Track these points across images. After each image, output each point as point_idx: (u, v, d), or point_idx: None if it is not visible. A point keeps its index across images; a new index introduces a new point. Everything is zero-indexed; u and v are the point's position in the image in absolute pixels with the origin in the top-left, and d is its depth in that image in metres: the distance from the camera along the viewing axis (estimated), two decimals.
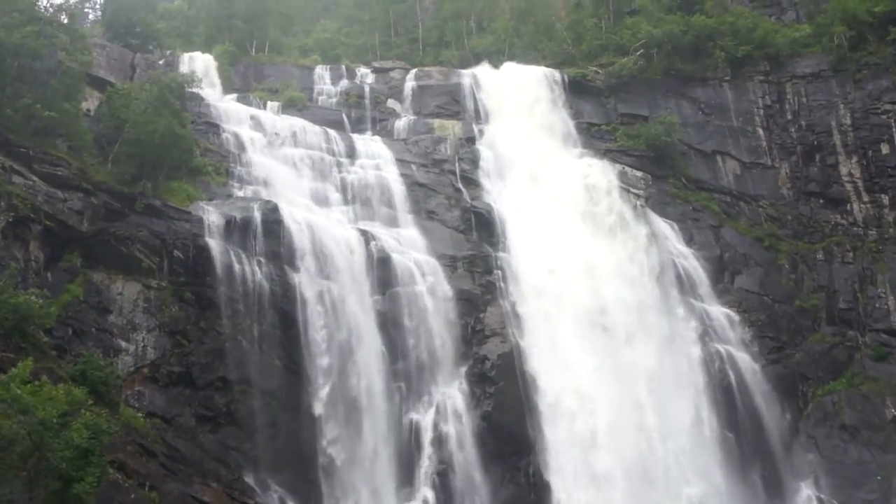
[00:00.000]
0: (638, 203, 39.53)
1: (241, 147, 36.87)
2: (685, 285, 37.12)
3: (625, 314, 35.38)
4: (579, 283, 35.78)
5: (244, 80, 45.50)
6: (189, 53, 45.77)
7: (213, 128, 37.70)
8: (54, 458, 20.73)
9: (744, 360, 35.72)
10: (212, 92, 42.08)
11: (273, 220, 32.17)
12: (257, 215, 32.05)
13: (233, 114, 39.10)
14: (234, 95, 42.70)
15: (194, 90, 38.47)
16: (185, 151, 33.74)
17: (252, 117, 39.10)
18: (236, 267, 30.77)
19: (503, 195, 39.01)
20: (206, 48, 48.32)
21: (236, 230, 31.69)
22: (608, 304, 35.43)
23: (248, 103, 41.27)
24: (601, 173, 40.23)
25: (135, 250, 30.18)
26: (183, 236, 30.87)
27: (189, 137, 34.19)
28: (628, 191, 39.94)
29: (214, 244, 30.92)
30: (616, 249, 37.65)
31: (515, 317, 34.19)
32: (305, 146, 38.28)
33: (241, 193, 34.65)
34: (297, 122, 39.47)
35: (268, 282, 30.98)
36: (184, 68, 42.57)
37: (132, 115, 32.46)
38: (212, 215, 31.76)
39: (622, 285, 36.22)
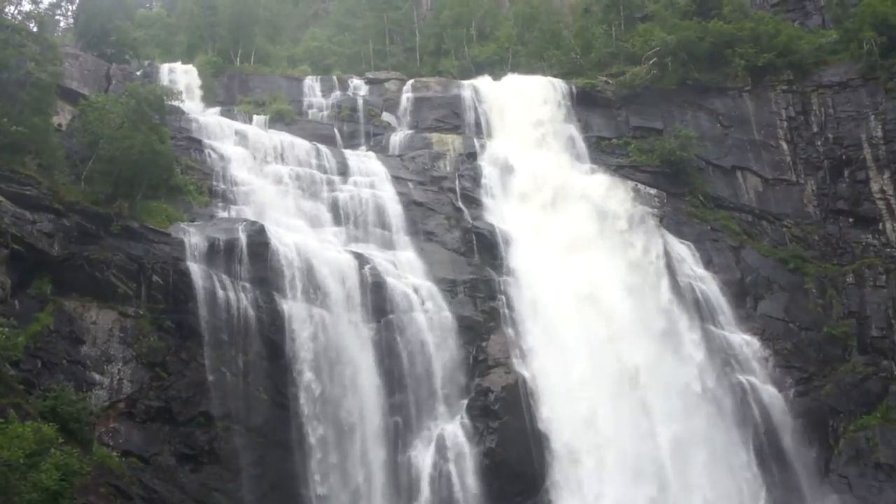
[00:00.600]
0: (652, 223, 39.57)
1: (225, 164, 36.92)
2: (703, 311, 37.08)
3: (638, 343, 35.26)
4: (589, 309, 35.71)
5: (228, 93, 45.73)
6: (169, 64, 46.02)
7: (195, 144, 37.80)
8: (21, 502, 20.60)
9: (768, 392, 35.60)
10: (193, 105, 42.26)
11: (259, 243, 32.18)
12: (242, 237, 32.06)
13: (216, 128, 39.23)
14: (218, 109, 42.84)
15: (174, 103, 38.49)
16: (165, 169, 33.73)
17: (237, 132, 39.22)
18: (220, 293, 30.74)
19: (507, 215, 39.09)
20: (187, 58, 48.60)
21: (220, 253, 31.68)
22: (620, 331, 35.33)
23: (233, 117, 41.42)
24: (612, 191, 40.30)
25: (110, 276, 30.11)
26: (162, 260, 30.88)
27: (169, 154, 34.19)
28: (642, 210, 39.97)
29: (196, 268, 30.92)
30: (628, 273, 37.65)
31: (521, 346, 34.17)
32: (294, 163, 38.36)
33: (224, 214, 34.68)
34: (286, 138, 39.59)
35: (254, 309, 30.95)
36: (163, 80, 42.74)
37: (107, 129, 32.37)
38: (193, 237, 31.78)
39: (635, 311, 36.18)
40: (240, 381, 30.06)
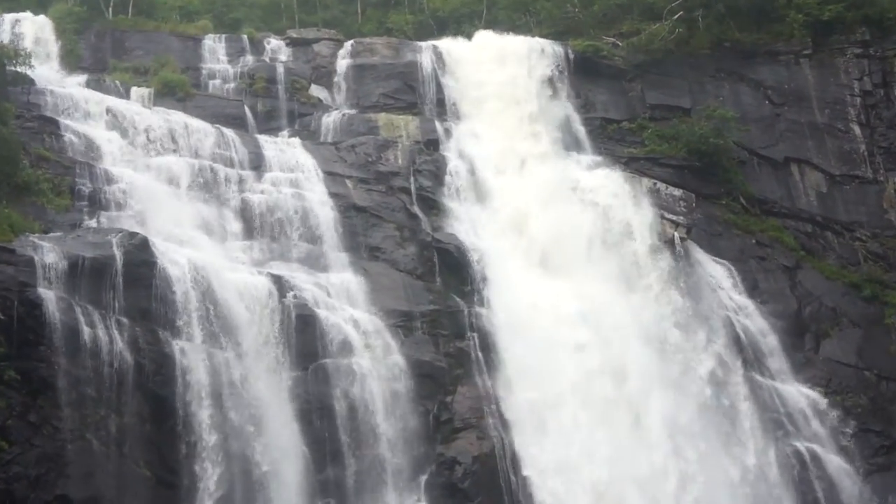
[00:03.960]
0: (677, 234, 40.22)
1: (94, 154, 36.95)
2: (747, 354, 37.80)
3: (657, 395, 35.91)
4: (591, 352, 36.32)
5: (97, 56, 45.83)
6: (13, 15, 45.88)
7: (51, 125, 37.69)
8: None
9: (836, 465, 36.15)
10: (48, 72, 42.21)
11: (141, 262, 32.07)
12: (118, 254, 31.88)
13: (80, 104, 39.17)
14: (83, 78, 42.93)
15: (20, 69, 38.55)
16: (6, 160, 33.70)
17: (109, 110, 39.21)
18: (85, 331, 30.55)
19: (479, 224, 39.69)
20: (39, 7, 48.39)
21: (85, 277, 31.48)
22: (634, 381, 35.95)
23: (104, 89, 41.49)
24: (622, 191, 40.97)
25: None
26: (4, 286, 30.79)
27: (13, 139, 34.14)
28: (662, 217, 40.59)
29: (51, 297, 30.66)
30: (644, 303, 38.35)
31: (498, 401, 34.52)
32: (190, 153, 38.52)
33: (93, 223, 34.62)
34: (178, 119, 39.72)
35: (132, 353, 30.75)
36: (4, 36, 42.70)
37: None
38: (48, 255, 31.57)
39: (653, 355, 36.85)
40: (112, 453, 29.71)
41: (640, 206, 40.57)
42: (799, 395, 37.55)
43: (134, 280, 31.79)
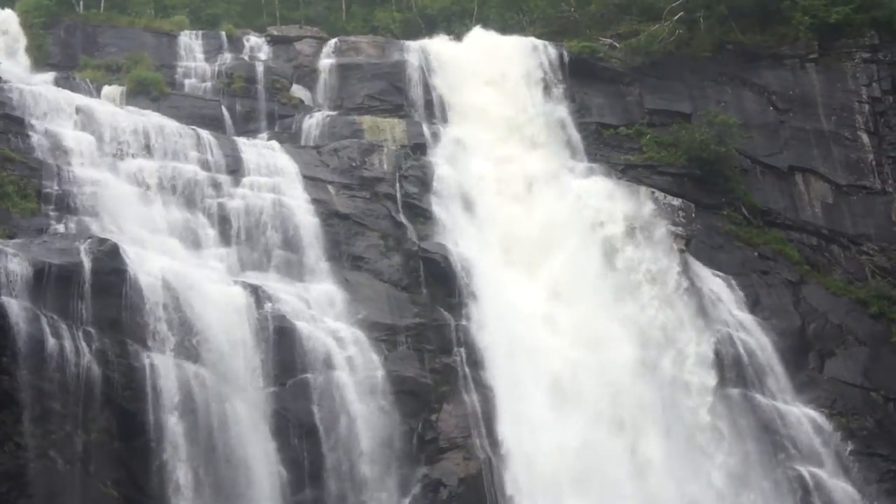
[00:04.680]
0: (675, 247, 40.33)
1: (62, 156, 36.74)
2: (747, 373, 37.81)
3: (653, 416, 36.06)
4: (585, 370, 36.40)
5: (67, 52, 45.80)
6: None
7: (16, 125, 37.50)
8: None
9: (840, 490, 36.16)
10: (14, 68, 42.09)
11: (111, 270, 31.94)
12: (86, 262, 31.78)
13: (48, 103, 38.89)
14: (52, 75, 42.71)
15: None
16: None
17: (79, 110, 38.99)
18: (50, 342, 30.41)
19: (469, 234, 39.71)
20: (5, 0, 48.44)
21: (51, 285, 31.31)
22: (630, 400, 36.09)
23: (74, 88, 41.33)
24: (618, 200, 41.03)
25: None
26: None
27: None
28: (661, 228, 40.77)
29: (15, 306, 30.47)
30: (641, 318, 38.39)
31: (486, 420, 34.53)
32: (164, 156, 38.29)
33: (60, 228, 34.48)
34: (152, 119, 39.52)
35: (101, 366, 30.59)
36: None
37: None
38: (12, 262, 31.40)
39: (649, 376, 36.94)
40: (77, 472, 29.48)
41: (635, 216, 40.64)
42: (802, 416, 37.53)
43: (103, 289, 31.58)
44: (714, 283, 40.09)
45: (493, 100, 44.31)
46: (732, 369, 37.74)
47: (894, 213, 43.35)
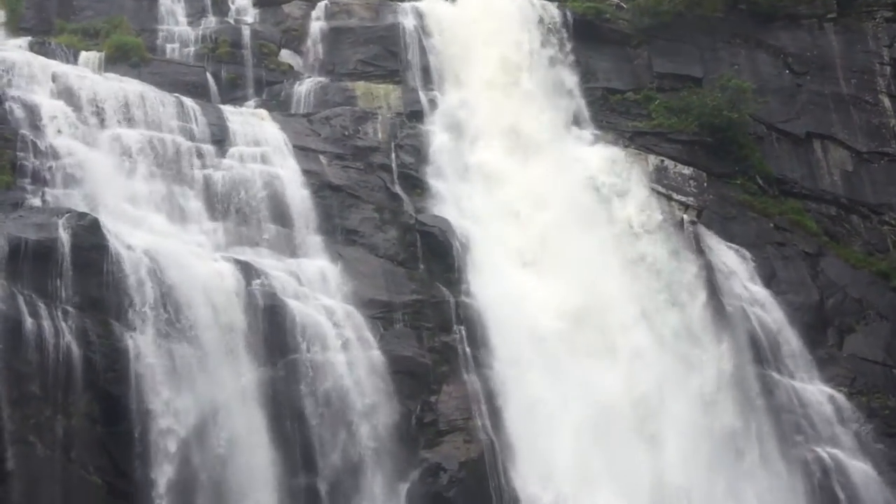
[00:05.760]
0: (686, 218, 40.38)
1: (38, 126, 36.66)
2: (762, 350, 37.86)
3: (662, 394, 36.19)
4: (589, 347, 36.59)
5: (41, 15, 45.41)
6: None
7: None
8: None
9: (861, 472, 36.27)
10: None
11: (91, 246, 31.92)
12: (65, 237, 31.76)
13: (23, 71, 38.88)
14: (26, 40, 42.51)
15: None
16: None
17: (55, 77, 38.77)
18: (28, 322, 30.41)
19: (467, 205, 39.80)
20: None
21: (28, 262, 31.28)
22: (637, 379, 36.19)
23: (50, 53, 41.09)
24: (625, 170, 41.23)
25: None
26: None
27: None
28: (669, 198, 40.90)
29: None
30: (650, 293, 38.54)
31: (489, 401, 34.59)
32: (146, 125, 38.13)
33: (37, 202, 34.36)
34: (132, 87, 39.28)
35: (82, 347, 30.58)
36: None
37: None
38: None
39: (658, 349, 37.08)
40: (58, 457, 29.50)
41: (644, 186, 40.81)
42: (820, 395, 37.62)
43: (83, 266, 31.59)
44: (727, 255, 40.11)
45: (492, 64, 44.19)
46: (746, 346, 37.77)
47: None
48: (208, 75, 43.13)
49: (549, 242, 38.93)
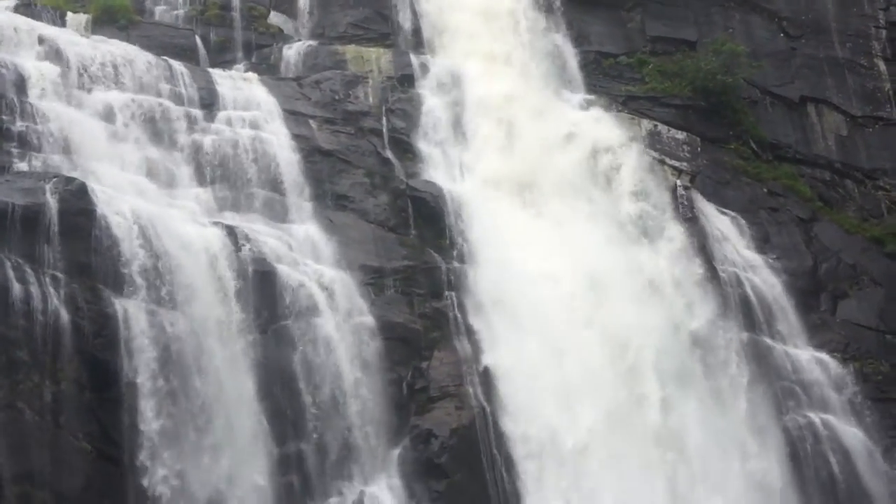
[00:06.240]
0: (679, 183, 40.38)
1: (23, 89, 36.44)
2: (756, 316, 37.91)
3: (656, 361, 36.09)
4: (582, 313, 36.56)
5: None
6: None
7: None
8: None
9: (853, 437, 36.43)
10: None
11: (79, 211, 31.80)
12: (52, 202, 31.67)
13: (8, 32, 38.66)
14: (12, 2, 42.19)
15: None
16: None
17: (42, 39, 38.62)
18: (15, 288, 30.33)
19: (460, 170, 39.85)
20: None
21: (15, 227, 31.15)
22: (629, 345, 36.21)
23: (36, 16, 40.96)
24: (618, 134, 41.06)
25: None
26: None
27: None
28: (663, 163, 40.87)
29: None
30: (642, 259, 38.46)
31: (480, 367, 34.64)
32: (134, 89, 38.04)
33: (23, 166, 34.15)
34: (119, 50, 39.22)
35: (70, 312, 30.57)
36: None
37: None
38: None
39: (651, 317, 36.96)
40: (46, 424, 29.51)
41: (637, 150, 40.74)
42: (813, 360, 37.66)
43: (71, 231, 31.53)
44: (720, 220, 40.11)
45: (484, 28, 44.12)
46: (739, 311, 37.79)
47: None
48: (197, 38, 42.95)
49: (542, 208, 39.04)
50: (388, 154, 39.39)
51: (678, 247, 38.62)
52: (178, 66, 39.68)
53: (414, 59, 42.94)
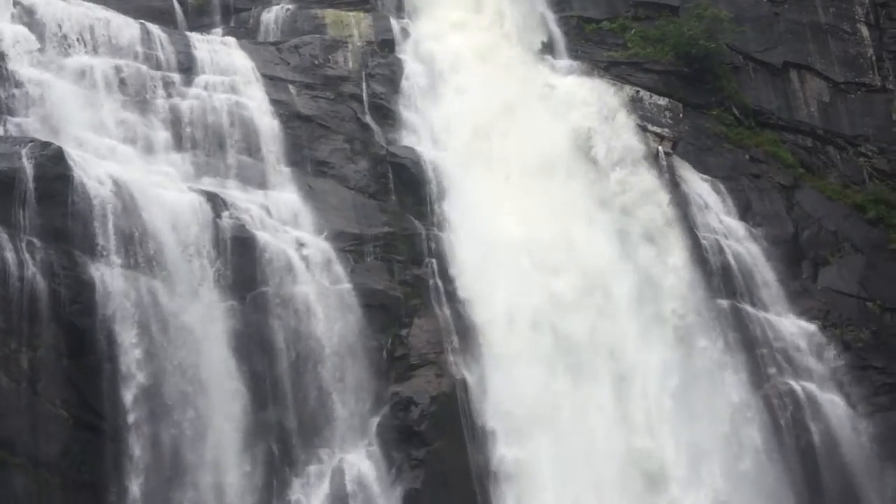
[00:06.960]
0: (660, 149, 40.51)
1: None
2: (737, 283, 38.09)
3: (636, 333, 36.39)
4: (562, 281, 36.69)
5: None
6: None
7: None
8: None
9: (833, 404, 36.70)
10: None
11: (55, 176, 31.79)
12: (27, 167, 31.63)
13: None
14: None
15: None
16: None
17: (17, 2, 38.30)
18: None
19: (440, 136, 39.77)
20: None
21: None
22: (610, 316, 36.38)
23: None
24: (599, 100, 41.09)
25: None
26: None
27: None
28: (644, 129, 40.91)
29: None
30: (623, 225, 38.59)
31: (461, 335, 34.85)
32: (110, 53, 37.96)
33: None
34: (96, 13, 39.06)
35: (46, 278, 30.61)
36: None
37: None
38: None
39: (631, 286, 37.22)
40: (24, 391, 29.63)
41: (618, 117, 40.78)
42: (794, 328, 37.92)
43: (47, 196, 31.52)
44: (702, 187, 40.24)
45: None
46: (719, 279, 38.01)
47: (895, 111, 43.36)
48: (174, 2, 42.76)
49: (522, 174, 38.92)
50: (368, 120, 39.42)
51: (659, 213, 38.81)
52: (155, 29, 39.54)
53: (394, 23, 42.92)
